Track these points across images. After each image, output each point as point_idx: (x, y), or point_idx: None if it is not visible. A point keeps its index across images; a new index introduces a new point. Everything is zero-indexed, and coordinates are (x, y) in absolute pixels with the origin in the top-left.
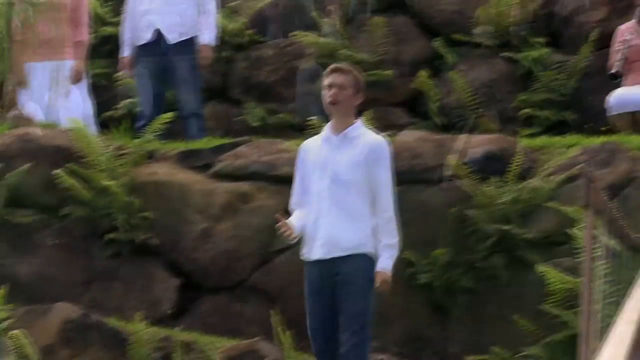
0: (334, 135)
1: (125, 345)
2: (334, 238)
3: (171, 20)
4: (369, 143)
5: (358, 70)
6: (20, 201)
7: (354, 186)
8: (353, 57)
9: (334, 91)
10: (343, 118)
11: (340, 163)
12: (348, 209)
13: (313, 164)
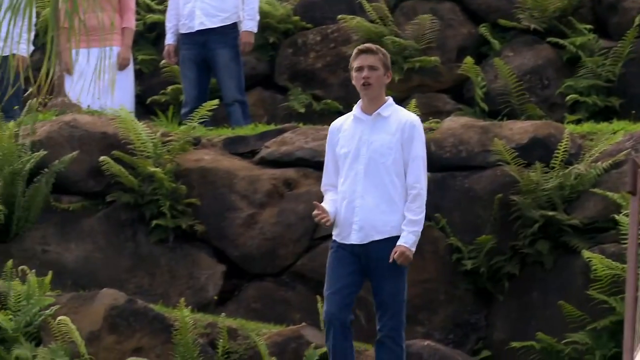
0: (366, 114)
1: (171, 331)
2: (371, 222)
3: (213, 7)
4: (403, 121)
5: (383, 49)
6: (67, 188)
7: (390, 167)
8: (399, 43)
9: (366, 73)
10: (375, 98)
11: (376, 144)
12: (384, 191)
13: (346, 145)
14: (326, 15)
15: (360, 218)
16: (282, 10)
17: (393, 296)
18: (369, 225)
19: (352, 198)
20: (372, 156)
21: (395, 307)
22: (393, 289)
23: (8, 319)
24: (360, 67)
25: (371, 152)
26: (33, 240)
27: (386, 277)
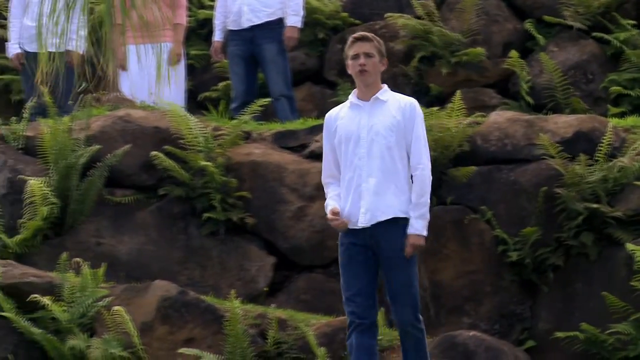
0: (364, 101)
1: (222, 322)
2: (376, 203)
3: (260, 3)
4: (402, 103)
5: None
6: (120, 181)
7: (393, 147)
8: (446, 38)
9: (362, 60)
10: (371, 85)
11: (377, 126)
12: (388, 172)
13: (345, 134)
14: (374, 11)
15: (366, 200)
16: (331, 6)
17: (406, 285)
18: (374, 206)
19: (358, 182)
20: (373, 139)
21: (410, 294)
22: (405, 278)
23: (62, 310)
24: (356, 54)
25: (373, 134)
26: (87, 233)
27: (398, 267)
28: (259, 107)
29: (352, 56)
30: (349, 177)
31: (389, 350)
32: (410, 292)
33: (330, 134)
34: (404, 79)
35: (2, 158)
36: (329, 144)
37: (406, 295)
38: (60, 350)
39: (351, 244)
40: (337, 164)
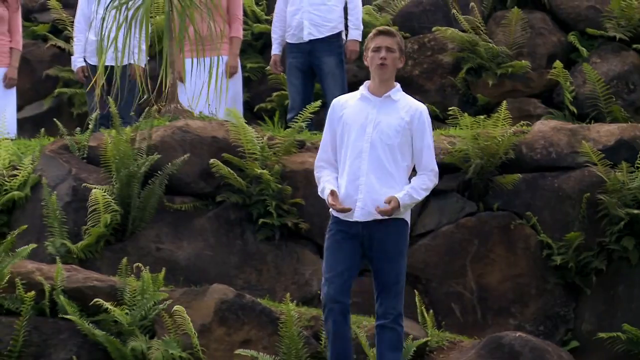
0: (375, 96)
1: (277, 324)
2: (373, 201)
3: (319, 18)
4: (413, 108)
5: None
6: (179, 189)
7: (396, 149)
8: (492, 51)
9: (383, 54)
10: (386, 81)
11: (384, 125)
12: (388, 172)
13: (351, 123)
14: (423, 24)
15: (364, 196)
16: (381, 20)
17: (395, 278)
18: (372, 204)
19: (356, 175)
20: (378, 136)
21: (397, 288)
22: (395, 271)
23: (124, 313)
24: (378, 47)
25: (378, 132)
26: (147, 238)
27: (388, 260)
28: (310, 115)
29: (373, 48)
30: (348, 166)
31: (437, 350)
32: (397, 287)
33: (334, 120)
34: (452, 90)
35: (67, 167)
36: (330, 129)
37: (392, 290)
38: (122, 352)
39: (341, 231)
40: (334, 150)
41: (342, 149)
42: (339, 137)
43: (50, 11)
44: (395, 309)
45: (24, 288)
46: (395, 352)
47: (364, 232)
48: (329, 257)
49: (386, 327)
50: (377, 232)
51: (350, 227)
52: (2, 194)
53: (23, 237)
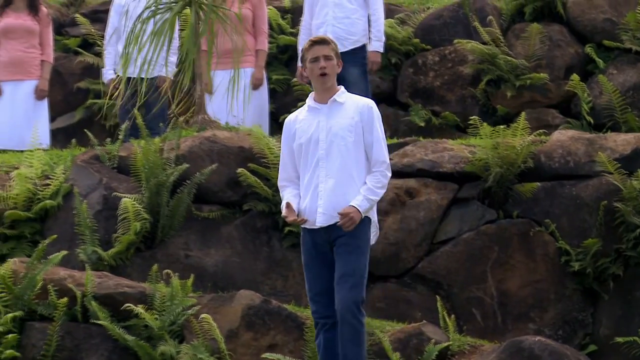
0: (321, 104)
1: (303, 329)
2: (334, 204)
3: (342, 31)
4: (360, 104)
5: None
6: (207, 197)
7: (351, 148)
8: (511, 63)
9: (322, 63)
10: (329, 87)
11: (336, 128)
12: (346, 173)
13: (305, 136)
14: (444, 37)
15: (324, 201)
16: (403, 33)
17: (354, 270)
18: (332, 207)
19: (316, 183)
20: (332, 140)
21: (356, 279)
22: (355, 263)
23: (154, 318)
24: (316, 57)
25: (331, 136)
26: (176, 246)
27: (347, 252)
28: None
29: (311, 59)
30: (308, 178)
31: (459, 354)
32: (356, 280)
33: (289, 138)
34: (472, 101)
35: (98, 177)
36: (287, 147)
37: (351, 281)
38: (152, 356)
39: (311, 243)
40: (294, 167)
41: (301, 162)
42: (296, 153)
43: (80, 25)
44: (354, 303)
45: (56, 294)
46: (357, 347)
47: (328, 236)
48: (307, 274)
49: (345, 321)
50: (339, 231)
51: (317, 236)
52: (35, 202)
53: (55, 245)
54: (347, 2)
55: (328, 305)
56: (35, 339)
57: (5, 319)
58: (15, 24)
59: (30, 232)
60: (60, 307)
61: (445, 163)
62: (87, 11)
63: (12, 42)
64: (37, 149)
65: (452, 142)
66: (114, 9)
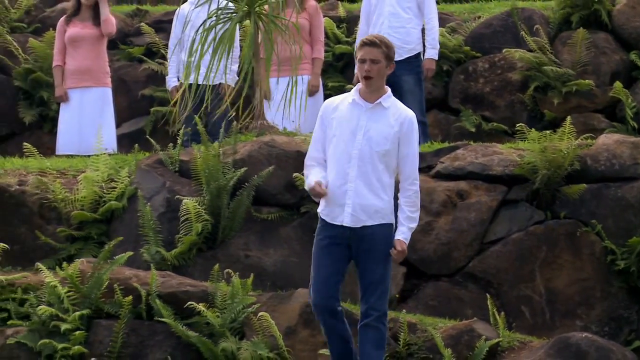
0: (366, 102)
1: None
2: (362, 207)
3: (398, 40)
4: (402, 115)
5: (387, 41)
6: (265, 200)
7: (384, 156)
8: (557, 70)
9: (367, 66)
10: (376, 89)
11: (374, 132)
12: (376, 179)
13: (341, 126)
14: (493, 45)
15: (352, 201)
16: (454, 41)
17: (381, 279)
18: (360, 210)
19: (344, 180)
20: (367, 143)
21: (384, 288)
22: (382, 273)
23: (215, 316)
24: (363, 59)
25: (367, 139)
26: (237, 246)
27: (375, 261)
28: None
29: (359, 59)
30: (337, 171)
31: (509, 350)
32: (384, 288)
33: (324, 123)
34: (521, 106)
35: (161, 180)
36: (321, 129)
37: (377, 290)
38: (214, 352)
39: (329, 237)
40: (324, 149)
41: (332, 151)
42: (328, 139)
43: (144, 35)
44: (379, 309)
45: (122, 293)
46: (378, 350)
47: (351, 236)
48: (315, 263)
49: (370, 325)
50: (365, 235)
51: (338, 232)
52: (101, 204)
53: (120, 246)
54: (403, 11)
55: (327, 296)
56: (102, 336)
57: (74, 316)
58: (82, 33)
59: (96, 233)
60: (126, 306)
61: (495, 166)
62: (150, 21)
63: (79, 50)
64: (103, 154)
65: (502, 146)
66: (176, 18)
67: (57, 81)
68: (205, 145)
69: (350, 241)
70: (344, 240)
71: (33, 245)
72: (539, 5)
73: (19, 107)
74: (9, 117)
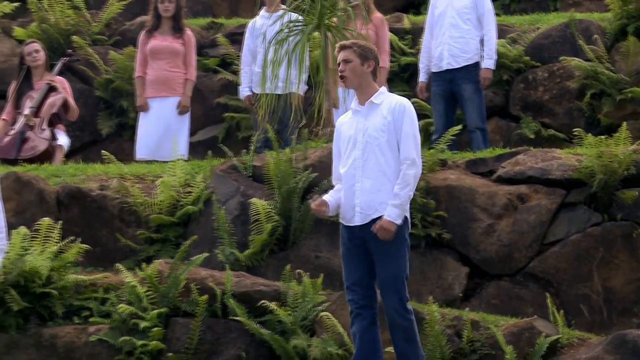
0: (361, 105)
1: (422, 324)
2: (369, 203)
3: (457, 50)
4: (394, 103)
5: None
6: None
7: (384, 147)
8: (613, 78)
9: (341, 66)
10: (363, 88)
11: (371, 129)
12: (380, 172)
13: (347, 137)
14: (552, 55)
15: (360, 200)
16: (514, 51)
17: (395, 275)
18: (367, 206)
19: (352, 182)
20: (367, 141)
21: (398, 284)
22: (395, 268)
23: (287, 314)
24: (338, 62)
25: (367, 137)
26: (307, 247)
27: (387, 257)
28: (452, 137)
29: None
30: (345, 177)
31: (568, 347)
32: (397, 282)
33: (336, 140)
34: (579, 113)
35: (235, 185)
36: (335, 148)
37: (393, 285)
38: (286, 349)
39: (349, 241)
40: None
41: (342, 161)
42: (340, 153)
43: (219, 47)
44: (399, 304)
45: (198, 292)
46: (410, 343)
47: (365, 233)
48: (345, 265)
49: (394, 321)
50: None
51: (355, 233)
52: (178, 208)
53: (196, 247)
54: (463, 23)
55: (363, 295)
56: (179, 333)
57: (152, 314)
58: (162, 45)
59: (174, 235)
60: (202, 304)
61: (554, 170)
62: (225, 33)
63: (158, 62)
64: (180, 160)
65: (560, 152)
66: (249, 31)
67: (138, 91)
68: (277, 151)
69: (365, 239)
70: (361, 240)
71: (114, 247)
72: (596, 16)
73: (98, 117)
74: (90, 125)
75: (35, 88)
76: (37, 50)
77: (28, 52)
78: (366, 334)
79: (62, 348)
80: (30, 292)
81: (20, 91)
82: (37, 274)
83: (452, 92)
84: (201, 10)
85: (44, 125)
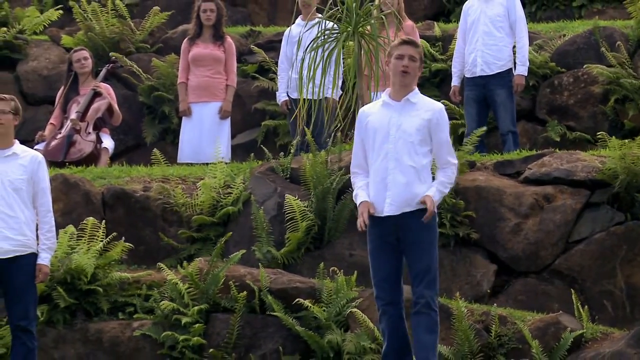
0: (395, 101)
1: (451, 319)
2: (402, 196)
3: (490, 57)
4: (431, 108)
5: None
6: None
7: (417, 146)
8: (635, 84)
9: (406, 62)
10: (407, 86)
11: (406, 125)
12: (412, 168)
13: (375, 128)
14: (577, 61)
15: (392, 192)
16: (541, 58)
17: (429, 266)
18: (400, 198)
19: (384, 175)
20: (401, 136)
21: (432, 275)
22: (429, 260)
23: (322, 310)
24: (402, 55)
25: (400, 132)
26: (341, 246)
27: (421, 250)
28: (477, 137)
29: (396, 56)
30: (376, 169)
31: (592, 341)
32: (432, 276)
33: (361, 129)
34: (603, 117)
35: (273, 186)
36: (359, 137)
37: (425, 278)
38: (320, 344)
39: (377, 234)
40: (365, 155)
41: (370, 152)
42: (366, 143)
43: (257, 54)
44: (431, 297)
45: (237, 289)
46: (431, 335)
47: (396, 226)
48: (373, 261)
49: (421, 312)
50: (408, 225)
51: (385, 225)
52: (218, 209)
53: (236, 246)
54: (496, 31)
55: (392, 291)
56: (219, 328)
57: (193, 310)
58: (204, 53)
59: (214, 234)
60: (241, 301)
61: (579, 172)
62: (262, 41)
63: (200, 68)
64: (220, 162)
65: (585, 154)
66: (285, 39)
67: (181, 96)
68: (314, 153)
69: (397, 231)
70: (391, 234)
71: (156, 245)
72: (619, 24)
73: (143, 124)
74: (135, 129)
75: (81, 94)
76: (85, 58)
77: (77, 59)
78: (396, 330)
79: (107, 342)
80: (76, 289)
81: (68, 96)
82: (82, 272)
83: (484, 96)
84: (240, 19)
85: (90, 129)
